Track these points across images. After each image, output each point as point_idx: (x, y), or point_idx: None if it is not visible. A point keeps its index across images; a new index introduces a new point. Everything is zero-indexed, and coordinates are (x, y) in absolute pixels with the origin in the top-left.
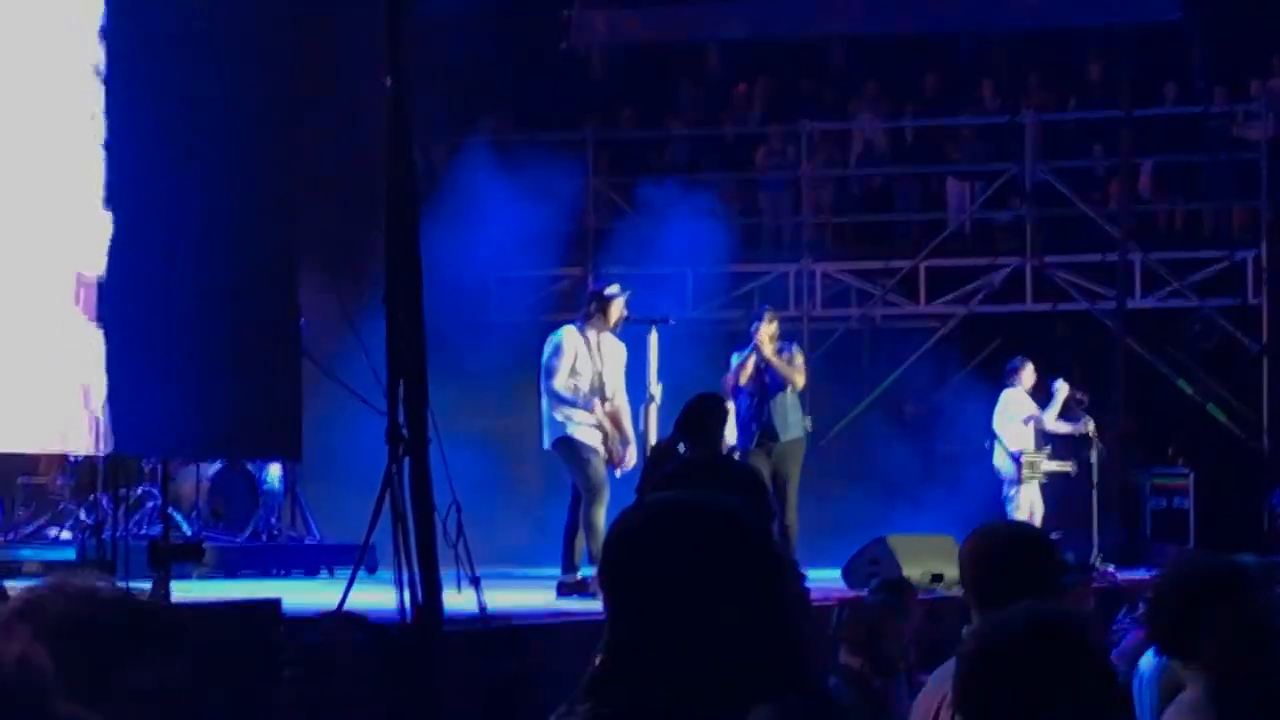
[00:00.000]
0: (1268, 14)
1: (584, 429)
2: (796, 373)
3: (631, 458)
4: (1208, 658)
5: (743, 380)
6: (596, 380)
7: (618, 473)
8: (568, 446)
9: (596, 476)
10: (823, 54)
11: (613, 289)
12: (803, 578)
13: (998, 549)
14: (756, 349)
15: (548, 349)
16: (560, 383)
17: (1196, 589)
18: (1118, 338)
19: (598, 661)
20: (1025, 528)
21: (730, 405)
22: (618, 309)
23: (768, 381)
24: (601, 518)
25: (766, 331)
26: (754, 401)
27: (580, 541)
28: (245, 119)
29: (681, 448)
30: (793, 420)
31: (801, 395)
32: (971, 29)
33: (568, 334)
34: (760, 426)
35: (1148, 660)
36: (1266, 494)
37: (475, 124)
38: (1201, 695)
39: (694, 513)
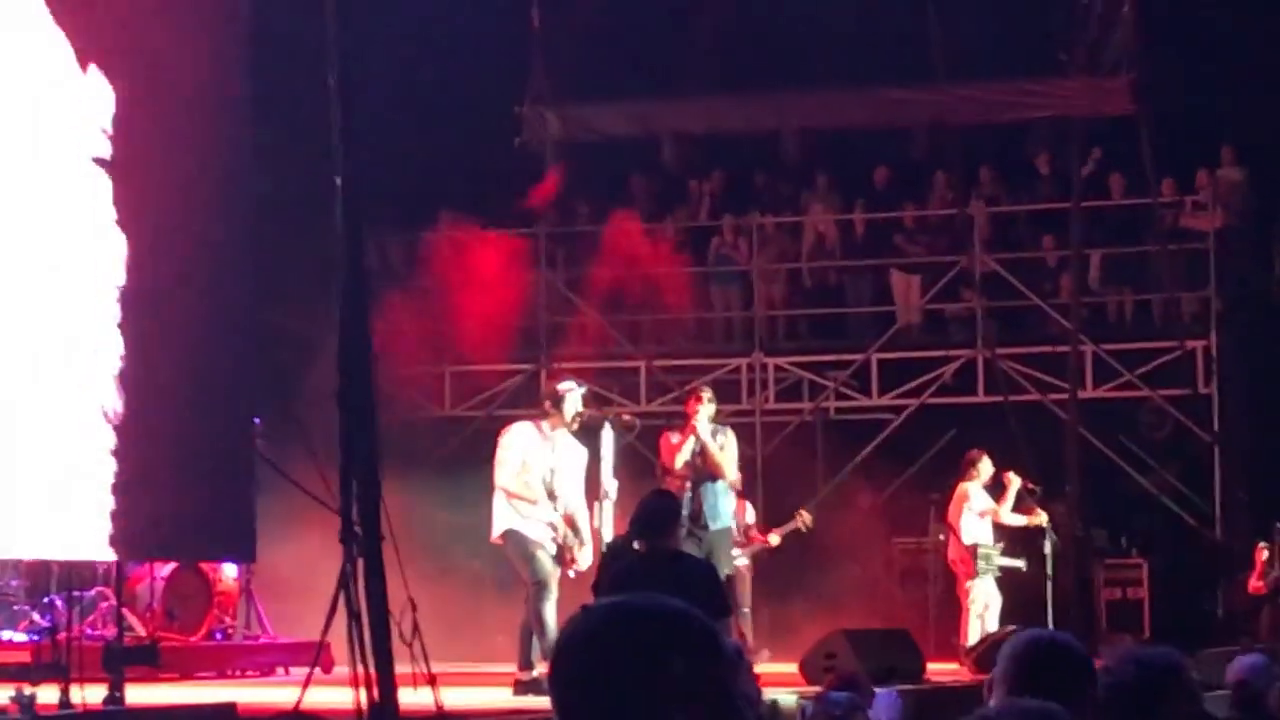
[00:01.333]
0: (1215, 106)
1: (532, 523)
2: (727, 463)
3: (586, 559)
4: None
5: (677, 464)
6: (549, 477)
7: (571, 573)
8: (514, 539)
9: (542, 571)
10: (775, 147)
11: (566, 385)
12: (753, 674)
13: (1034, 657)
14: (694, 431)
15: (501, 443)
16: (508, 478)
17: (1144, 687)
18: (1070, 428)
19: None
20: (1063, 638)
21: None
22: (572, 405)
23: (699, 465)
24: (550, 613)
25: (705, 412)
26: (683, 485)
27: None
28: (196, 210)
29: (636, 545)
30: (723, 509)
31: (730, 485)
32: (925, 123)
33: (520, 430)
34: (690, 513)
35: None
36: (1220, 582)
37: (430, 219)
38: None
39: (639, 616)
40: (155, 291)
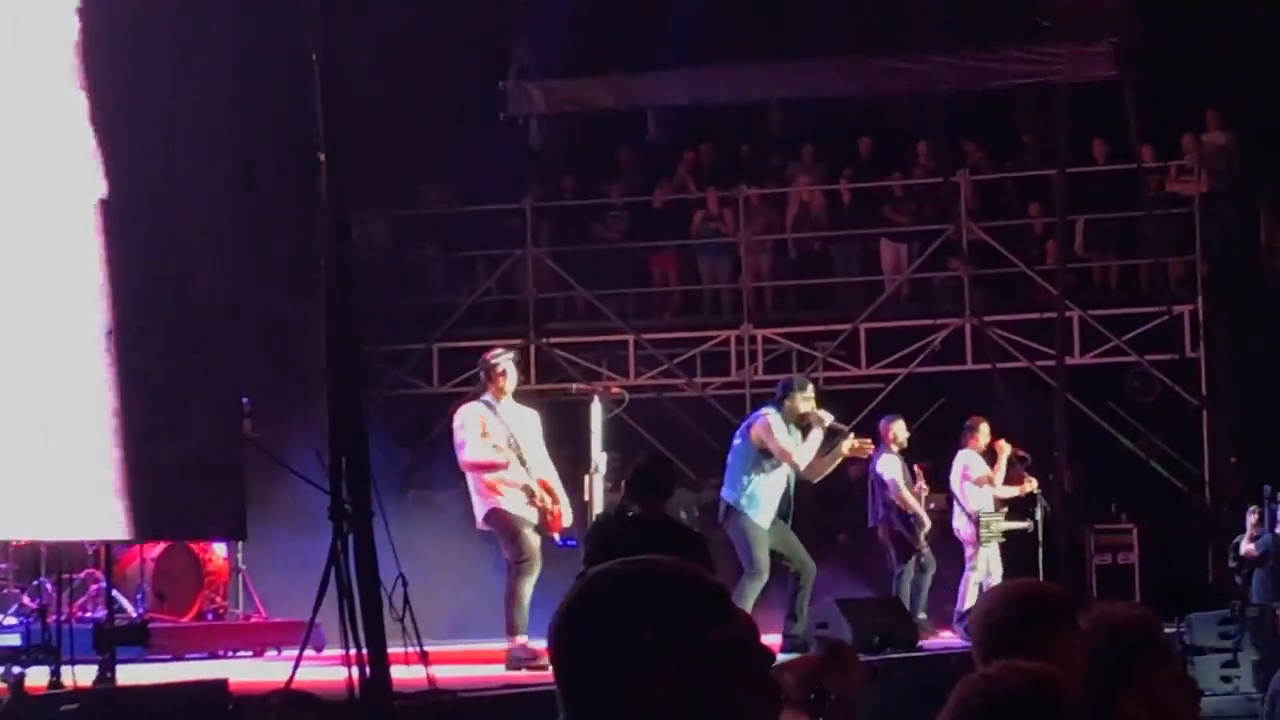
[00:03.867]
0: (1199, 70)
1: (513, 500)
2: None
3: (568, 516)
4: (1131, 714)
5: (801, 463)
6: (513, 445)
7: (557, 537)
8: (497, 519)
9: (529, 548)
10: (760, 118)
11: (495, 354)
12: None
13: (1003, 608)
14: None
15: (455, 427)
16: (473, 451)
17: (1121, 650)
18: (1059, 395)
19: None
20: (1032, 587)
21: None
22: (505, 374)
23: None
24: (527, 589)
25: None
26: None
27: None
28: (181, 187)
29: (630, 508)
30: None
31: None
32: (908, 92)
33: (468, 410)
34: (787, 499)
35: None
36: (1210, 546)
37: (414, 196)
38: None
39: (617, 580)
40: (141, 263)
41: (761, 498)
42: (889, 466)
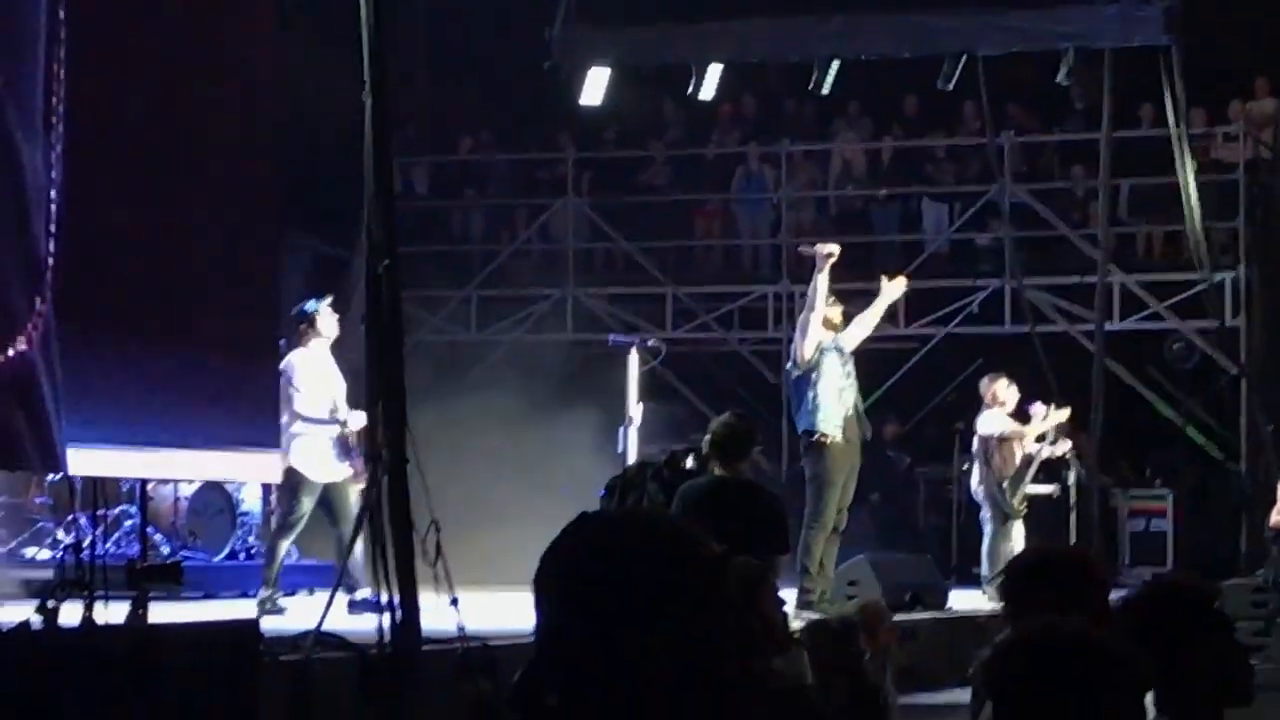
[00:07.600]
0: (1248, 37)
1: (309, 457)
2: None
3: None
4: (1187, 683)
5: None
6: (338, 395)
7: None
8: (294, 477)
9: (297, 513)
10: (806, 74)
11: (311, 303)
12: (780, 601)
13: (1032, 568)
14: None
15: (293, 374)
16: (304, 405)
17: (1179, 613)
18: (1097, 359)
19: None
20: (1063, 549)
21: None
22: (326, 321)
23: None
24: (284, 548)
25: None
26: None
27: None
28: (224, 136)
29: (717, 470)
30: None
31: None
32: (955, 51)
33: (304, 358)
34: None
35: None
36: (1244, 514)
37: (456, 144)
38: None
39: (613, 528)
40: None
41: (825, 400)
42: (986, 425)
